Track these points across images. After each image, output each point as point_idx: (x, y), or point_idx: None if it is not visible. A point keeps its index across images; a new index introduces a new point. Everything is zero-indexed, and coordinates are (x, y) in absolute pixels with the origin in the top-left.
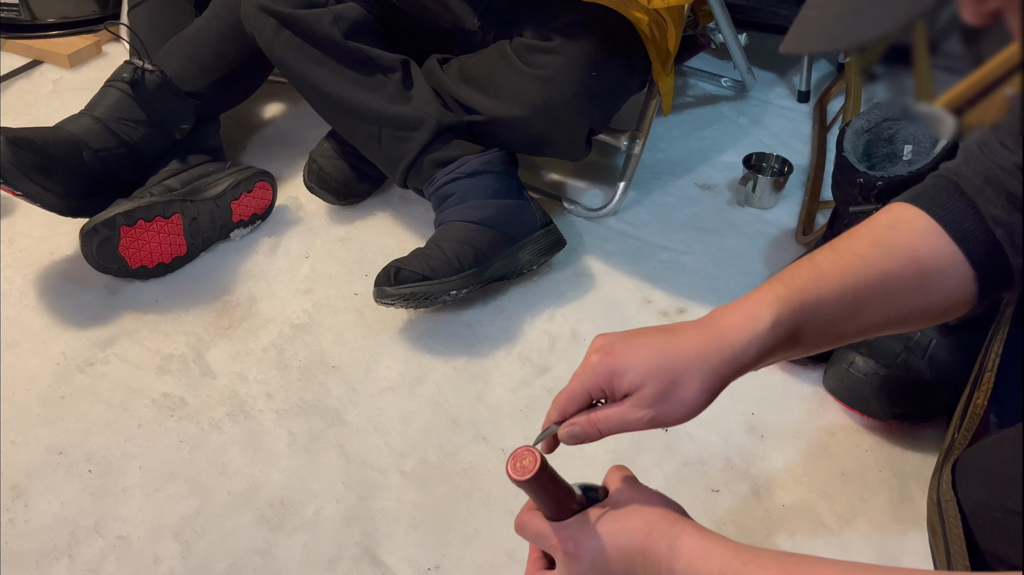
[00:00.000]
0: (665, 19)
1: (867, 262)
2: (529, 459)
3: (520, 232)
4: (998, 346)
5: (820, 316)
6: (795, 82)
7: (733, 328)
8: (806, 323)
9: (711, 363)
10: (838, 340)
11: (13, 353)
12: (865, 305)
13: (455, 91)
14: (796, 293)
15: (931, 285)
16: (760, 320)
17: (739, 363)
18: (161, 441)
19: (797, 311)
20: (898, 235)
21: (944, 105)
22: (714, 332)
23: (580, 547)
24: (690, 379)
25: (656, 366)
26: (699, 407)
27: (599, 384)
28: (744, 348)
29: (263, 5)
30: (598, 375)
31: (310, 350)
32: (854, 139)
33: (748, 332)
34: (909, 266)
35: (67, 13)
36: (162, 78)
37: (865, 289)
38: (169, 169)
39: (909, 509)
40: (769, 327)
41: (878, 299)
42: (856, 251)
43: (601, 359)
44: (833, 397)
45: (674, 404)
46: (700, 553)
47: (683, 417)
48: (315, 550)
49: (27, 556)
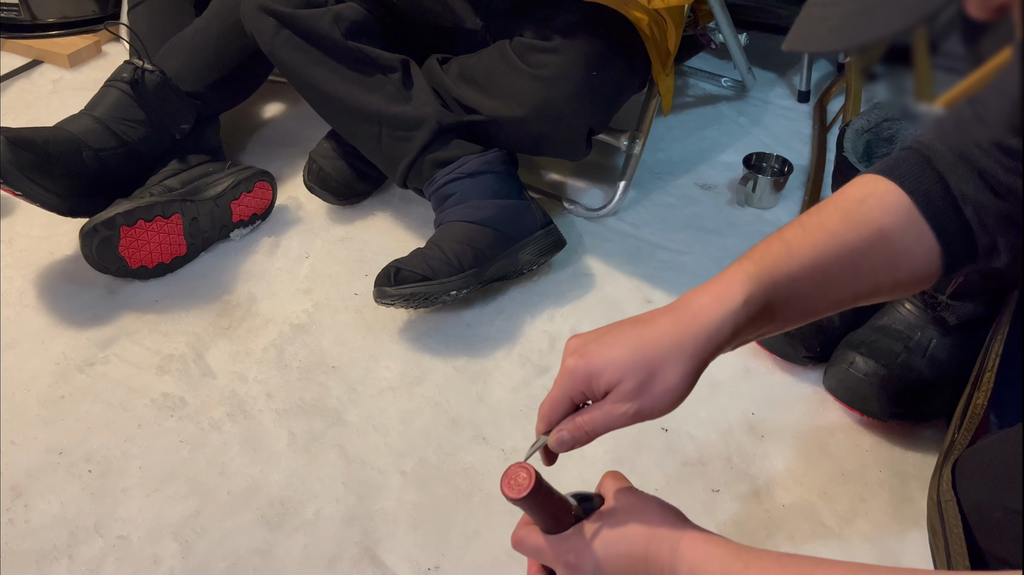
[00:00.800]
0: (665, 19)
1: (837, 239)
2: (523, 476)
3: (520, 232)
4: (998, 346)
5: (791, 292)
6: (795, 82)
7: (705, 311)
8: (778, 300)
9: (687, 349)
10: (811, 315)
11: (13, 353)
12: (835, 281)
13: (455, 91)
14: (767, 271)
15: (899, 261)
16: (732, 300)
17: (714, 344)
18: (161, 441)
19: (768, 288)
20: (868, 211)
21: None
22: (686, 317)
23: (581, 558)
24: (668, 368)
25: (632, 360)
26: (681, 394)
27: (579, 387)
28: (718, 329)
29: (263, 5)
30: (576, 379)
31: (310, 350)
32: (854, 139)
33: (721, 313)
34: (879, 243)
35: (67, 13)
36: (162, 78)
37: (835, 266)
38: (169, 169)
39: (909, 509)
40: (741, 305)
41: (848, 275)
42: (825, 228)
43: (577, 362)
44: (833, 397)
45: (656, 394)
46: (703, 556)
47: (667, 406)
48: (315, 550)
49: (27, 556)
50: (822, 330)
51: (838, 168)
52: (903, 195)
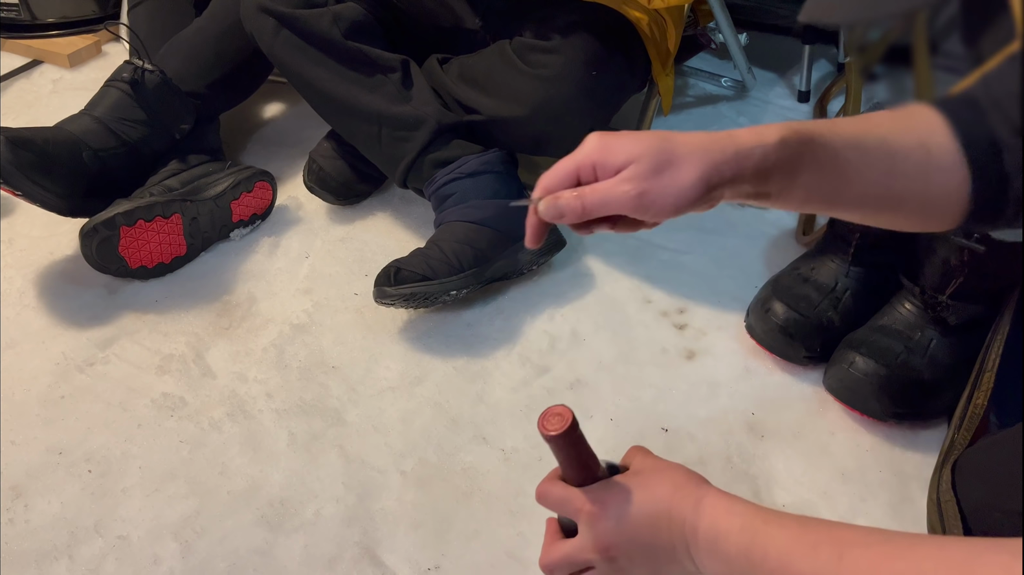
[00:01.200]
0: (665, 19)
1: (880, 129)
2: (561, 417)
3: (520, 232)
4: (998, 346)
5: (825, 159)
6: (795, 82)
7: (739, 134)
8: (809, 158)
9: (711, 154)
10: (834, 200)
11: (13, 353)
12: (868, 168)
13: (455, 91)
14: (806, 128)
15: (933, 177)
16: (768, 135)
17: (739, 165)
18: (161, 441)
19: (805, 141)
20: (914, 121)
21: None
22: (721, 135)
23: (606, 507)
24: (687, 163)
25: (656, 146)
26: (691, 195)
27: (590, 158)
28: (747, 152)
29: (263, 5)
30: (591, 149)
31: (310, 350)
32: None
33: (754, 139)
34: (917, 149)
35: (67, 13)
36: (162, 78)
37: (872, 151)
38: (169, 169)
39: (909, 509)
40: (776, 142)
41: (882, 166)
42: (871, 119)
43: (599, 138)
44: (833, 397)
45: (666, 183)
46: (724, 510)
47: (673, 200)
48: (315, 550)
49: (27, 556)
50: (822, 330)
51: None
52: (945, 122)
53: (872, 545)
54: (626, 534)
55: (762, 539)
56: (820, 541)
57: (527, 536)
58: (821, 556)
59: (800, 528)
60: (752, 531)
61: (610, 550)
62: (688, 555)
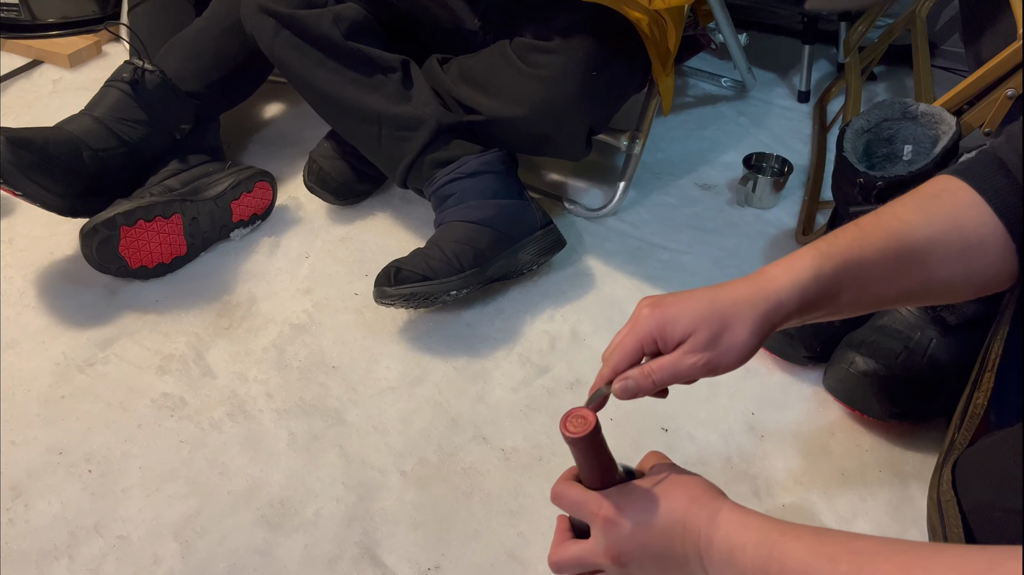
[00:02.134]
0: (665, 19)
1: (910, 226)
2: (584, 419)
3: (520, 232)
4: (998, 346)
5: (862, 275)
6: (795, 82)
7: (777, 277)
8: (848, 280)
9: (759, 308)
10: (880, 303)
11: (13, 353)
12: (907, 269)
13: (455, 91)
14: (838, 250)
15: (973, 255)
16: (803, 271)
17: (784, 310)
18: (161, 441)
19: (840, 266)
20: (942, 204)
21: (944, 105)
22: (759, 281)
23: (621, 514)
24: (740, 323)
25: (708, 312)
26: (750, 350)
27: (651, 334)
28: (788, 295)
29: (263, 5)
30: (650, 325)
31: (310, 350)
32: (854, 139)
33: (791, 280)
34: (952, 234)
35: (67, 13)
36: (162, 78)
37: (907, 252)
38: (169, 169)
39: (909, 509)
40: (811, 278)
41: (920, 264)
42: (899, 216)
43: (652, 310)
44: (833, 397)
45: (726, 347)
46: (739, 524)
47: (735, 360)
48: (315, 550)
49: (27, 556)
50: (822, 330)
51: (838, 168)
52: (976, 194)
53: (891, 555)
54: (639, 542)
55: (779, 552)
56: (838, 554)
57: (527, 536)
58: (840, 569)
59: (817, 541)
60: (768, 544)
61: (622, 557)
62: (701, 567)
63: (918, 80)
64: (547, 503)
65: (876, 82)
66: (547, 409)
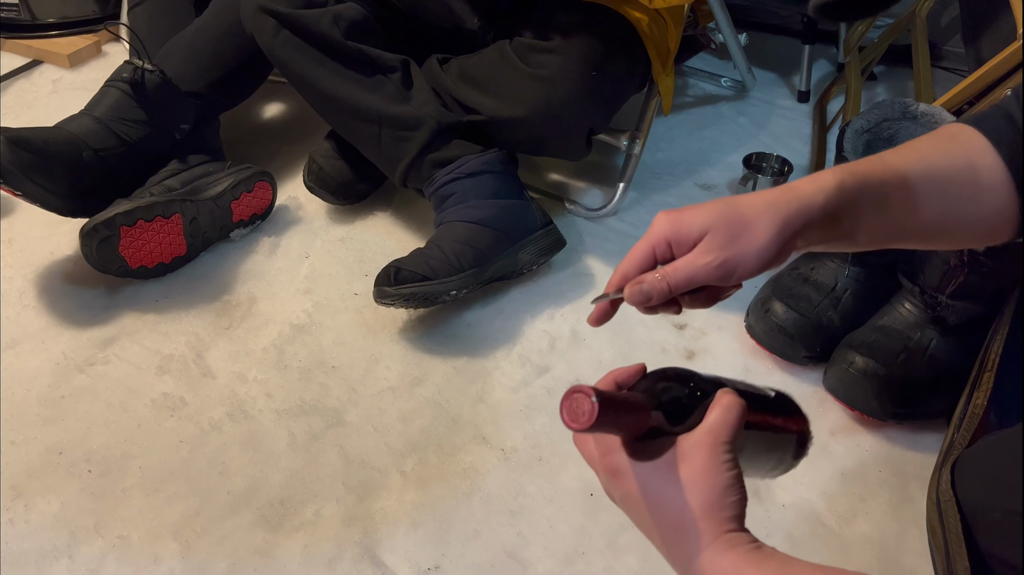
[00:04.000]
0: (665, 19)
1: (929, 160)
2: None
3: (520, 232)
4: (998, 346)
5: (883, 197)
6: (795, 82)
7: (799, 185)
8: (869, 200)
9: (780, 210)
10: (897, 236)
11: (13, 353)
12: (924, 199)
13: (455, 91)
14: (861, 170)
15: (984, 198)
16: (826, 180)
17: (807, 214)
18: (161, 441)
19: (862, 183)
20: (959, 145)
21: (944, 105)
22: (780, 189)
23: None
24: (760, 222)
25: (725, 212)
26: (770, 252)
27: (664, 237)
28: (812, 199)
29: (263, 5)
30: (664, 228)
31: (310, 350)
32: (854, 139)
33: (815, 186)
34: (967, 172)
35: (67, 13)
36: (162, 78)
37: (926, 182)
38: (169, 169)
39: (909, 509)
40: (835, 187)
41: (937, 196)
42: (918, 149)
43: (667, 215)
44: (833, 397)
45: (744, 246)
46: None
47: (753, 262)
48: (315, 550)
49: (27, 556)
50: (822, 330)
51: None
52: (987, 142)
53: None
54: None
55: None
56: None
57: (527, 536)
58: None
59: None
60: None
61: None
62: None
63: (918, 80)
64: (547, 503)
65: (876, 82)
66: (547, 409)
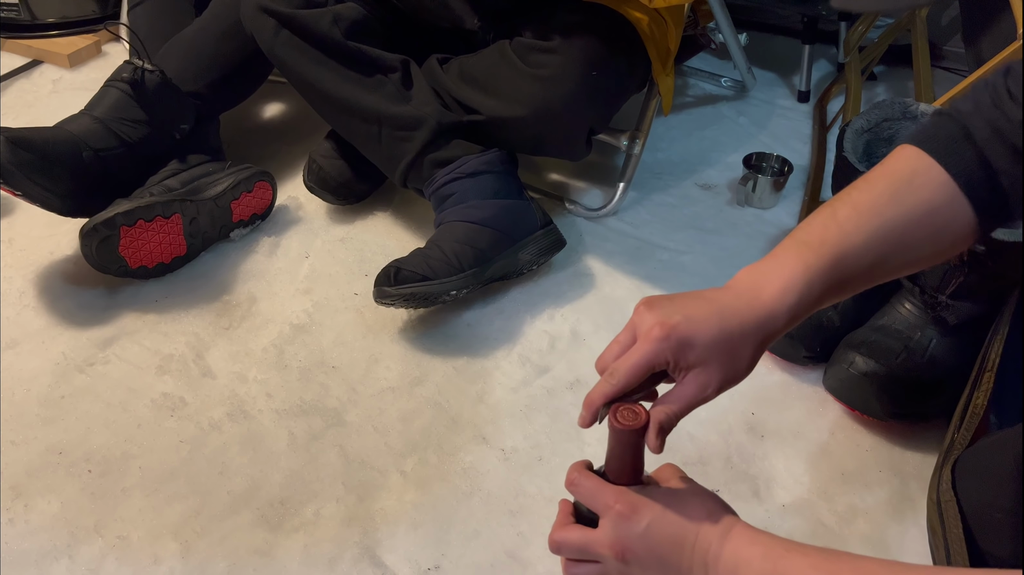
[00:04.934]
0: (665, 19)
1: (889, 223)
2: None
3: (520, 232)
4: (998, 346)
5: (843, 277)
6: (795, 82)
7: (772, 302)
8: (831, 286)
9: (758, 336)
10: (860, 289)
11: (13, 353)
12: (886, 260)
13: (455, 91)
14: (826, 261)
15: (942, 234)
16: (794, 293)
17: (778, 331)
18: (161, 441)
19: (827, 277)
20: (915, 191)
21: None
22: (757, 305)
23: (637, 512)
24: (744, 350)
25: (718, 340)
26: (748, 373)
27: (666, 357)
28: (784, 323)
29: (263, 5)
30: (667, 349)
31: (310, 350)
32: (854, 139)
33: (785, 306)
34: (925, 220)
35: (67, 13)
36: (162, 78)
37: (887, 247)
38: (169, 169)
39: (909, 509)
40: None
41: (898, 253)
42: (878, 211)
43: (668, 334)
44: (833, 397)
45: (732, 375)
46: (747, 540)
47: (737, 382)
48: (315, 550)
49: (27, 556)
50: (822, 330)
51: (838, 168)
52: (945, 173)
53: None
54: (648, 545)
55: (783, 566)
56: (841, 569)
57: (527, 536)
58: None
59: (822, 558)
60: (774, 559)
61: (626, 554)
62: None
63: (918, 80)
64: (547, 503)
65: (876, 82)
66: (547, 409)
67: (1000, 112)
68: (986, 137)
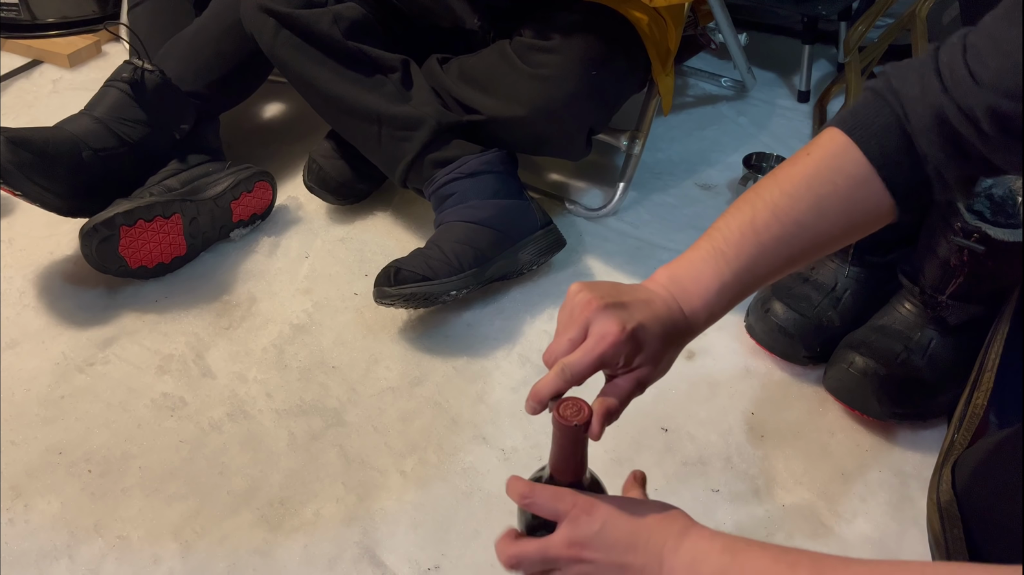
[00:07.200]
0: (665, 18)
1: (809, 230)
2: (580, 408)
3: (520, 232)
4: (998, 346)
5: (755, 280)
6: (795, 82)
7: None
8: (743, 290)
9: (684, 342)
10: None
11: (13, 353)
12: (797, 262)
13: (455, 91)
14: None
15: (857, 225)
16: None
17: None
18: (161, 441)
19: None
20: (837, 198)
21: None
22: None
23: (594, 510)
24: (673, 354)
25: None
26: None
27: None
28: (702, 329)
29: (263, 5)
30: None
31: (310, 350)
32: None
33: (703, 316)
34: (842, 220)
35: (67, 13)
36: (162, 78)
37: (799, 252)
38: (169, 169)
39: (909, 509)
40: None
41: (811, 254)
42: (797, 220)
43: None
44: (833, 397)
45: (661, 373)
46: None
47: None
48: (315, 550)
49: (27, 556)
50: (822, 330)
51: None
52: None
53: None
54: (605, 542)
55: (741, 559)
56: (799, 562)
57: None
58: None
59: (781, 551)
60: (732, 551)
61: (584, 552)
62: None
63: None
64: None
65: None
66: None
67: (949, 99)
68: (925, 126)
